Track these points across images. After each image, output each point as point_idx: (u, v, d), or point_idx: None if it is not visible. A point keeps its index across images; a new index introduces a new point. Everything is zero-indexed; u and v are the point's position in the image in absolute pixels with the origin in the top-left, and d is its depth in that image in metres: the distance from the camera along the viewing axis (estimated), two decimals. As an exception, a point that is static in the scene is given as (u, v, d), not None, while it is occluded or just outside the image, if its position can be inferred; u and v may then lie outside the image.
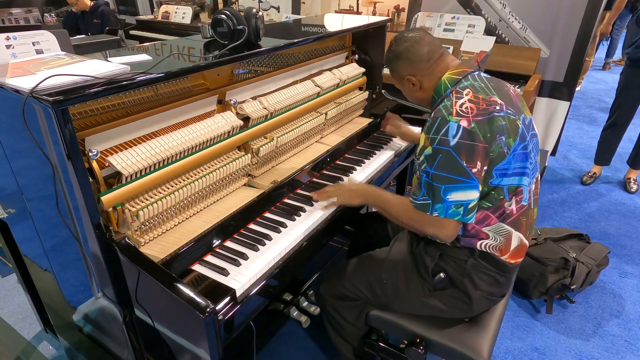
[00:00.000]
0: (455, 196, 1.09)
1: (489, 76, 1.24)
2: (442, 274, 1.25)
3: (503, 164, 1.11)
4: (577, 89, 5.05)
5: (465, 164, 1.07)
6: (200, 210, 1.29)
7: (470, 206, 1.11)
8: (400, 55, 1.27)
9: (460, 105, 1.11)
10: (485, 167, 1.10)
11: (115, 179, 1.08)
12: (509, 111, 1.13)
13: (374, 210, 1.42)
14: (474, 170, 1.08)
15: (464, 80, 1.20)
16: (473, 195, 1.10)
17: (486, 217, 1.17)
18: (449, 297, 1.26)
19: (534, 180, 1.21)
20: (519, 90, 2.61)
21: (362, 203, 1.37)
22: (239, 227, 1.25)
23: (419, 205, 1.16)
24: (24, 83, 0.90)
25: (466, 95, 1.14)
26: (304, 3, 4.21)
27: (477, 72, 1.23)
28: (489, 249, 1.20)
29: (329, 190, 1.37)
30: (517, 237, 1.20)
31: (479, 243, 1.19)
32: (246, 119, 1.43)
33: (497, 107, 1.11)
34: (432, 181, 1.11)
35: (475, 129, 1.07)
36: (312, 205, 1.38)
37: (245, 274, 1.08)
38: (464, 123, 1.08)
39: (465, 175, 1.08)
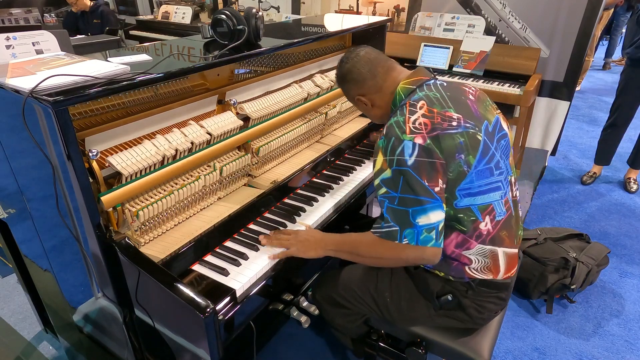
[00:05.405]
0: (424, 219, 1.03)
1: (446, 83, 1.18)
2: (449, 296, 1.19)
3: (465, 183, 1.06)
4: (577, 88, 5.06)
5: (427, 183, 1.02)
6: (200, 210, 1.29)
7: (439, 228, 1.05)
8: (345, 77, 1.25)
9: (414, 122, 1.05)
10: (445, 186, 1.04)
11: (115, 179, 1.08)
12: (467, 124, 1.07)
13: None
14: (437, 189, 1.03)
15: (418, 91, 1.14)
16: (441, 215, 1.05)
17: (465, 241, 1.11)
18: (454, 316, 1.23)
19: (508, 185, 1.15)
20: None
21: (319, 255, 1.19)
22: (239, 227, 1.25)
23: (384, 233, 1.07)
24: (24, 83, 0.90)
25: (420, 108, 1.08)
26: (304, 3, 4.22)
27: (433, 81, 1.18)
28: (479, 272, 1.15)
29: (282, 238, 1.21)
30: (502, 253, 1.15)
31: (466, 268, 1.14)
32: (246, 119, 1.43)
33: (454, 123, 1.06)
34: (398, 206, 1.04)
35: (431, 145, 1.02)
36: (312, 205, 1.38)
37: (245, 274, 1.08)
38: (419, 140, 1.02)
39: (429, 195, 1.02)
